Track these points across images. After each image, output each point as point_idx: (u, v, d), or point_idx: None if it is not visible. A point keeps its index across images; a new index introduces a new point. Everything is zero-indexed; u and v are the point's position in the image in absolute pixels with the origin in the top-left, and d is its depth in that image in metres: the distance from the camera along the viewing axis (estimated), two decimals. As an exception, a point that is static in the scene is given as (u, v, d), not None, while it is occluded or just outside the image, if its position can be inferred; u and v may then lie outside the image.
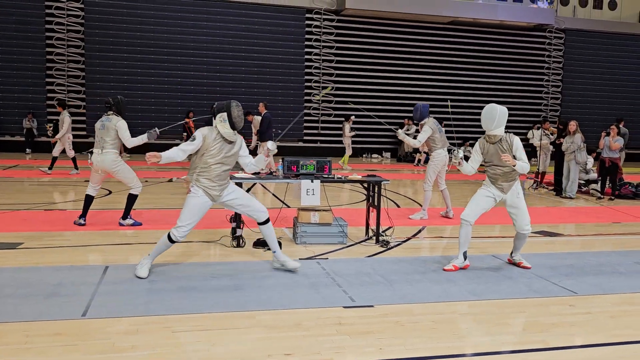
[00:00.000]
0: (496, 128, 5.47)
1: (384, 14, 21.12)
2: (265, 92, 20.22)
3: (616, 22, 24.29)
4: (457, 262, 5.57)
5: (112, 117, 6.95)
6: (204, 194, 4.95)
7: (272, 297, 4.52)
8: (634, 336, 3.95)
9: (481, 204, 5.63)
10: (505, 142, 5.51)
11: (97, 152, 6.96)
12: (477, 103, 22.57)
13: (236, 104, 4.98)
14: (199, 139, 4.86)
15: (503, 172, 5.54)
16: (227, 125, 4.92)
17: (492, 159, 5.59)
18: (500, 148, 5.50)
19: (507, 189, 5.59)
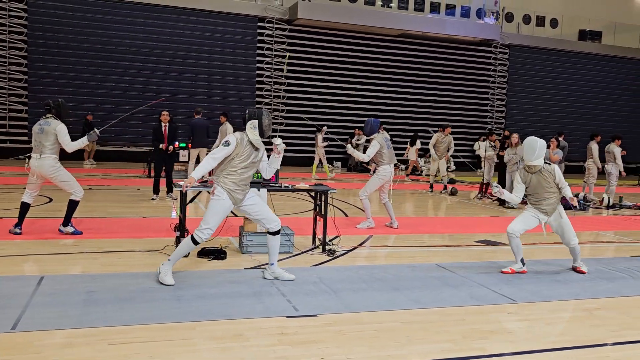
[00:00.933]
0: (536, 159, 5.93)
1: (335, 24, 21.31)
2: (215, 99, 20.04)
3: (557, 39, 25.33)
4: (515, 267, 6.08)
5: (52, 120, 6.69)
6: (229, 196, 5.05)
7: (214, 307, 4.44)
8: (568, 342, 4.08)
9: (527, 222, 6.10)
10: (546, 172, 6.00)
11: (35, 157, 6.67)
12: (425, 115, 23.07)
13: (267, 112, 5.17)
14: (233, 143, 4.99)
15: (545, 197, 6.03)
16: (257, 132, 5.09)
17: (534, 188, 6.06)
18: (543, 178, 5.99)
19: (551, 212, 6.09)
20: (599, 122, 24.57)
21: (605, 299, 5.26)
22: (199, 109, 13.23)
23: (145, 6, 19.53)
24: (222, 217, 5.11)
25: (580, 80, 25.72)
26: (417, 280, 5.58)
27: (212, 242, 6.61)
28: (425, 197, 13.53)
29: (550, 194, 6.03)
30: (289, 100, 21.50)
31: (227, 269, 5.70)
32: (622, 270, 6.42)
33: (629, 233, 9.33)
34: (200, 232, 5.02)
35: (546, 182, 6.01)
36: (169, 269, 5.03)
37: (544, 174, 5.99)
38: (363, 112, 22.14)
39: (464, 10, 23.56)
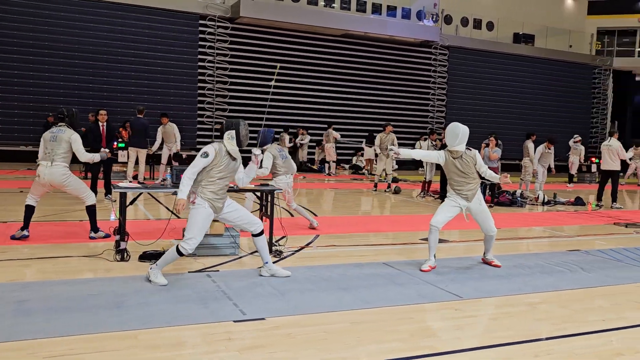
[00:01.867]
0: (458, 145, 6.02)
1: (278, 24, 21.19)
2: (156, 98, 19.48)
3: (493, 41, 26.17)
4: (430, 263, 6.08)
5: (65, 129, 6.67)
6: (209, 206, 5.07)
7: (157, 314, 4.25)
8: (514, 337, 4.14)
9: (448, 212, 6.16)
10: (467, 157, 6.10)
11: (45, 165, 6.54)
12: (368, 114, 23.30)
13: (244, 123, 5.26)
14: (212, 155, 5.04)
15: (467, 182, 6.10)
16: (234, 142, 5.17)
17: (456, 172, 6.11)
18: (465, 163, 6.08)
19: (471, 198, 6.13)
20: (533, 121, 25.54)
21: (546, 293, 5.40)
22: (141, 108, 12.81)
23: (82, 1, 18.76)
24: (205, 225, 5.14)
25: (515, 81, 26.67)
26: (364, 279, 5.56)
27: (154, 246, 6.38)
28: (370, 196, 13.62)
29: (471, 179, 6.12)
30: (232, 99, 21.20)
31: (171, 273, 5.48)
32: (559, 265, 6.63)
33: (564, 228, 9.70)
34: (185, 244, 5.00)
35: (468, 167, 6.10)
36: (158, 272, 5.07)
37: (466, 159, 6.10)
38: (307, 111, 22.15)
39: (404, 12, 23.96)
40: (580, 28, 29.16)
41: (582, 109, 28.74)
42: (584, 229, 9.58)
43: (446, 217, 6.14)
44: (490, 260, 6.45)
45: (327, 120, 22.03)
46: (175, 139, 13.64)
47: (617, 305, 5.08)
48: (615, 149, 12.58)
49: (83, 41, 18.82)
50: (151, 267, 5.14)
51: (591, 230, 9.48)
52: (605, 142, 12.92)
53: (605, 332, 4.36)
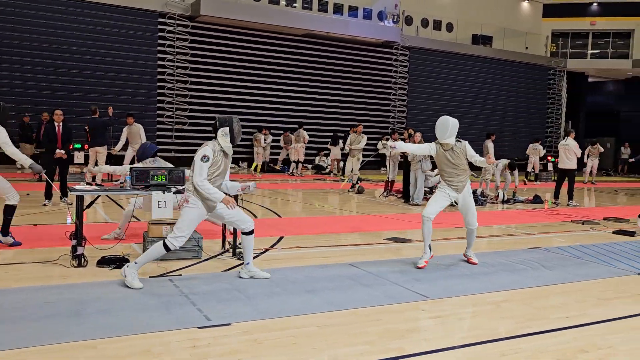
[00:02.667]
0: (449, 137, 6.14)
1: (239, 22, 20.96)
2: (114, 98, 18.95)
3: (453, 42, 26.57)
4: (426, 257, 6.18)
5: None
6: (203, 204, 5.10)
7: (118, 322, 4.09)
8: (481, 337, 4.15)
9: (439, 202, 6.27)
10: (458, 149, 6.23)
11: None
12: (330, 114, 23.31)
13: (237, 119, 5.24)
14: (211, 157, 5.06)
15: (457, 174, 6.23)
16: (228, 139, 5.17)
17: (447, 164, 6.25)
18: (456, 155, 6.21)
19: (462, 189, 6.28)
20: (492, 121, 26.06)
21: (509, 291, 5.46)
22: (94, 107, 12.46)
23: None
24: (196, 224, 5.17)
25: (474, 82, 27.14)
26: (330, 281, 5.51)
27: (113, 250, 6.18)
28: (334, 196, 13.61)
29: (462, 171, 6.29)
30: (193, 99, 20.86)
31: (131, 278, 5.31)
32: (522, 262, 6.73)
33: (524, 226, 9.88)
34: (174, 240, 5.02)
35: (458, 159, 6.26)
36: (135, 272, 4.98)
37: (456, 151, 6.25)
38: (269, 110, 22.00)
39: (366, 12, 24.07)
40: (536, 30, 29.91)
41: (538, 109, 29.49)
42: (543, 227, 9.78)
43: (438, 207, 6.26)
44: (469, 257, 6.60)
45: (289, 120, 21.96)
46: (140, 140, 13.32)
47: (579, 302, 5.18)
48: (571, 148, 12.91)
49: (36, 38, 18.18)
50: (128, 265, 5.01)
51: (550, 228, 9.69)
52: (562, 142, 13.24)
53: (569, 329, 4.42)
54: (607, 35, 30.35)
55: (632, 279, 6.20)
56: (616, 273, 6.41)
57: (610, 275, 6.31)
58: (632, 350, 4.02)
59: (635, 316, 4.82)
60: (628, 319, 4.73)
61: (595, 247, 7.98)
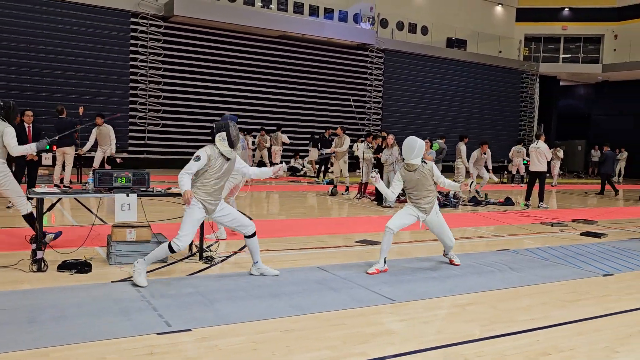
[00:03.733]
0: (415, 158, 6.12)
1: (214, 23, 20.80)
2: (85, 98, 18.62)
3: (427, 45, 26.75)
4: (378, 266, 6.08)
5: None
6: (202, 206, 5.23)
7: (73, 329, 3.97)
8: (444, 340, 4.13)
9: (404, 219, 6.25)
10: (425, 170, 6.18)
11: None
12: (305, 116, 23.27)
13: (233, 124, 5.35)
14: (204, 159, 5.16)
15: (424, 196, 6.20)
16: (226, 143, 5.26)
17: (414, 186, 6.21)
18: (423, 176, 6.17)
19: (429, 211, 6.26)
20: (465, 124, 26.29)
21: (476, 294, 5.47)
22: (60, 107, 12.21)
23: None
24: (197, 225, 5.30)
25: (449, 85, 27.37)
26: (297, 284, 5.45)
27: (76, 254, 6.03)
28: (305, 198, 13.55)
29: (429, 192, 6.26)
30: (166, 100, 20.62)
31: (92, 283, 5.18)
32: (490, 265, 6.76)
33: (495, 228, 9.95)
34: (178, 241, 5.14)
35: (425, 179, 6.22)
36: (143, 269, 5.10)
37: (423, 172, 6.21)
38: (243, 112, 21.83)
39: (341, 14, 24.10)
40: (509, 34, 30.29)
41: (511, 112, 29.87)
42: (513, 229, 9.86)
43: (402, 222, 6.23)
44: (451, 258, 6.66)
45: (264, 122, 21.84)
46: (110, 141, 13.08)
47: (544, 304, 5.20)
48: (542, 151, 13.06)
49: (4, 37, 17.78)
50: (137, 262, 5.14)
51: (520, 230, 9.77)
52: (533, 145, 13.39)
53: (533, 332, 4.43)
54: (578, 40, 30.90)
55: (597, 280, 6.26)
56: (582, 275, 6.47)
57: (576, 277, 6.37)
58: (593, 351, 4.04)
59: (597, 318, 4.85)
60: (591, 321, 4.77)
61: (563, 248, 8.06)
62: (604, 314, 4.97)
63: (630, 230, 10.17)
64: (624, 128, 28.89)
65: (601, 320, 4.80)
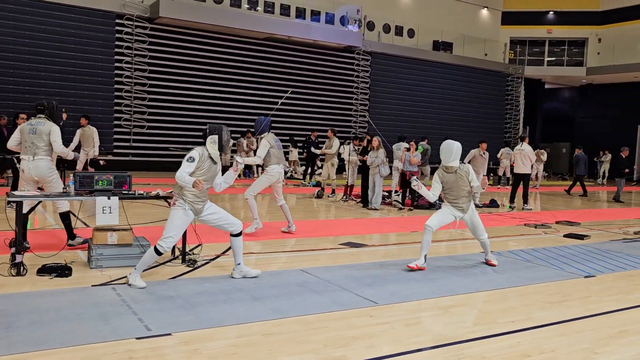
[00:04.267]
0: (453, 161, 6.42)
1: (200, 25, 20.72)
2: (69, 100, 18.45)
3: (414, 48, 26.86)
4: (418, 262, 6.36)
5: (46, 121, 6.53)
6: (190, 208, 5.29)
7: (51, 334, 3.91)
8: (425, 343, 4.13)
9: (444, 218, 6.54)
10: (462, 171, 6.48)
11: (27, 159, 6.40)
12: (292, 118, 23.23)
13: (227, 129, 5.47)
14: (197, 159, 5.23)
15: (461, 196, 6.49)
16: (217, 147, 5.35)
17: (451, 187, 6.50)
18: (460, 177, 6.46)
19: (467, 210, 6.57)
20: (451, 126, 26.44)
21: (459, 296, 5.48)
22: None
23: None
24: (184, 227, 5.37)
25: (435, 87, 27.50)
26: (279, 288, 5.42)
27: (57, 257, 5.95)
28: (291, 200, 13.51)
29: (465, 192, 6.53)
30: (152, 102, 20.49)
31: (72, 287, 5.12)
32: (473, 266, 6.79)
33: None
34: (163, 242, 5.19)
35: (462, 181, 6.49)
36: (137, 276, 5.18)
37: (460, 174, 6.49)
38: (230, 114, 21.77)
39: (328, 17, 24.11)
40: (494, 37, 30.51)
41: (497, 115, 30.07)
42: (497, 231, 9.90)
43: (441, 221, 6.52)
44: (489, 259, 6.89)
45: (250, 124, 21.74)
46: (93, 143, 12.94)
47: (526, 306, 5.22)
48: (526, 153, 13.15)
49: (-13, 38, 17.59)
50: (130, 274, 5.22)
51: (504, 232, 9.82)
52: (518, 147, 13.48)
53: (514, 334, 4.44)
54: (563, 43, 31.20)
55: (579, 281, 6.30)
56: (564, 276, 6.51)
57: (559, 278, 6.40)
58: (574, 353, 4.06)
59: (579, 319, 4.88)
60: (572, 322, 4.79)
61: (546, 250, 8.11)
62: (586, 316, 5.00)
63: (612, 232, 10.27)
64: (607, 130, 29.21)
65: (583, 322, 4.83)
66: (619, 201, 16.46)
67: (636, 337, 4.46)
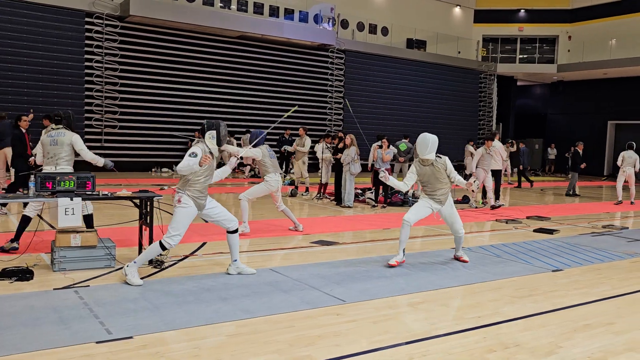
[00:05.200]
0: (429, 153, 6.44)
1: (172, 24, 20.44)
2: (38, 100, 18.10)
3: (388, 46, 26.92)
4: (397, 258, 6.45)
5: (65, 131, 6.67)
6: (194, 203, 5.43)
7: (6, 340, 3.79)
8: (390, 340, 4.12)
9: (420, 211, 6.58)
10: (439, 164, 6.51)
11: (50, 170, 6.46)
12: (264, 117, 23.10)
13: (224, 124, 5.62)
14: (200, 155, 5.33)
15: (438, 188, 6.52)
16: (215, 142, 5.52)
17: (428, 179, 6.53)
18: (437, 169, 6.49)
19: (444, 201, 6.61)
20: (426, 124, 26.53)
21: (427, 292, 5.48)
22: (3, 114, 11.95)
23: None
24: (189, 223, 5.46)
25: (409, 85, 27.60)
26: (247, 287, 5.36)
27: (18, 261, 5.81)
28: (264, 199, 13.42)
29: (443, 184, 6.57)
30: (123, 102, 20.18)
31: (33, 291, 4.99)
32: (442, 262, 6.81)
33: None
34: (169, 239, 5.32)
35: (439, 173, 6.53)
36: (134, 271, 5.27)
37: (437, 166, 6.53)
38: (202, 114, 21.54)
39: (302, 15, 24.02)
40: (467, 35, 30.75)
41: (470, 112, 30.33)
42: (468, 226, 9.96)
43: (418, 215, 6.56)
44: (460, 256, 6.90)
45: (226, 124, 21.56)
46: None
47: (493, 301, 5.25)
48: (497, 150, 13.25)
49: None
50: (128, 265, 5.30)
51: (474, 227, 9.89)
52: (489, 143, 13.55)
53: (480, 329, 4.46)
54: (534, 41, 31.59)
55: (546, 275, 6.37)
56: (532, 270, 6.57)
57: (526, 272, 6.46)
58: (538, 347, 4.09)
59: (544, 313, 4.92)
60: (537, 316, 4.83)
61: (516, 245, 8.19)
62: (551, 310, 5.04)
63: (581, 226, 10.42)
64: (578, 127, 29.69)
65: (548, 316, 4.87)
66: (574, 195, 16.68)
67: (598, 330, 4.52)
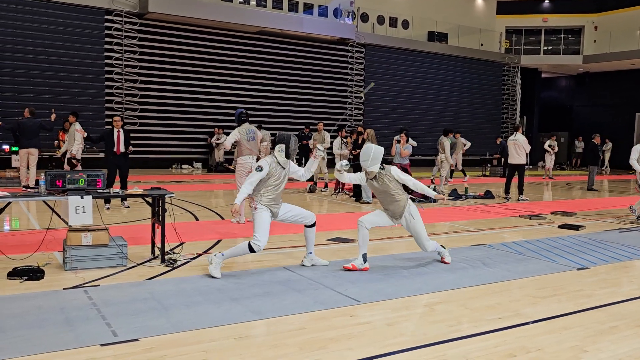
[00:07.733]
0: (371, 166, 5.88)
1: (190, 20, 20.45)
2: (59, 98, 18.26)
3: (409, 39, 26.55)
4: (356, 263, 5.96)
5: None
6: (269, 210, 5.67)
7: (10, 342, 3.70)
8: (406, 344, 3.93)
9: (379, 217, 6.11)
10: (383, 176, 5.95)
11: None
12: (286, 112, 23.00)
13: (295, 139, 5.81)
14: (266, 169, 5.62)
15: (390, 202, 6.01)
16: (284, 154, 5.76)
17: (379, 193, 6.09)
18: (383, 182, 5.96)
19: (400, 215, 6.03)
20: (447, 117, 26.15)
21: (446, 292, 5.28)
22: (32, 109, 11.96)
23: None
24: (268, 225, 5.67)
25: (430, 78, 27.22)
26: (259, 287, 5.22)
27: (31, 259, 5.76)
28: (283, 195, 13.31)
29: (394, 197, 5.99)
30: (143, 99, 20.25)
31: (42, 290, 4.93)
32: (463, 260, 6.58)
33: (472, 222, 9.78)
34: (257, 242, 5.52)
35: (386, 185, 5.98)
36: (219, 263, 5.52)
37: (382, 178, 5.98)
38: (222, 110, 21.53)
39: (321, 9, 23.81)
40: (490, 27, 30.18)
41: (493, 105, 29.80)
42: (491, 223, 9.71)
43: (375, 220, 6.09)
44: (442, 256, 6.43)
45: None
46: (75, 141, 12.68)
47: (514, 301, 5.03)
48: (521, 144, 12.92)
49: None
50: (215, 255, 5.53)
51: (497, 224, 9.62)
52: (512, 137, 13.25)
53: (501, 331, 4.25)
54: (559, 32, 30.88)
55: (571, 274, 6.11)
56: (556, 269, 6.31)
57: (550, 271, 6.21)
58: (561, 351, 3.87)
59: (568, 315, 4.69)
60: (561, 318, 4.60)
61: (539, 242, 7.91)
62: (575, 311, 4.81)
63: (608, 222, 10.07)
64: (605, 119, 28.96)
65: (572, 317, 4.64)
66: (592, 189, 16.18)
67: (627, 333, 4.27)
